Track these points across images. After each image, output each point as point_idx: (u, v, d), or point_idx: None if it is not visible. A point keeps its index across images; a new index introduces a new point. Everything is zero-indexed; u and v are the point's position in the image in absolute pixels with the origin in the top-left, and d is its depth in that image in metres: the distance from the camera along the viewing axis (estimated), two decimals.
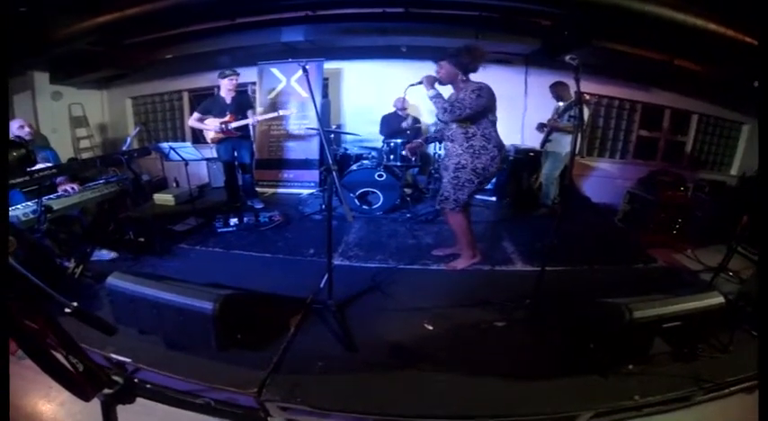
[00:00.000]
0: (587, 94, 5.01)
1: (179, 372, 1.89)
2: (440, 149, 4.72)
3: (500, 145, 2.82)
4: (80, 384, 0.94)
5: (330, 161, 2.06)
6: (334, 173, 2.01)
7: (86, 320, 0.91)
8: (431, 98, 2.74)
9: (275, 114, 4.51)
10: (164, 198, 5.15)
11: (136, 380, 1.82)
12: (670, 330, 1.86)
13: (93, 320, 0.92)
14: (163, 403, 1.85)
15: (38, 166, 2.93)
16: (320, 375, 1.89)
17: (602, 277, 3.07)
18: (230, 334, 1.92)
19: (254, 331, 2.09)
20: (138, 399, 1.83)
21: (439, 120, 2.88)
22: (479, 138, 2.74)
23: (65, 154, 6.10)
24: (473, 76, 2.77)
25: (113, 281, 2.01)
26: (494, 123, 2.79)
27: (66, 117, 6.38)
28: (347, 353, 2.05)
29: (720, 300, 1.93)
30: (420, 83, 2.81)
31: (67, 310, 0.88)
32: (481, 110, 2.67)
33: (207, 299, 1.79)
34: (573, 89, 4.42)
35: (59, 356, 0.91)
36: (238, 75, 4.34)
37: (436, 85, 2.77)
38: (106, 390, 1.04)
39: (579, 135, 2.29)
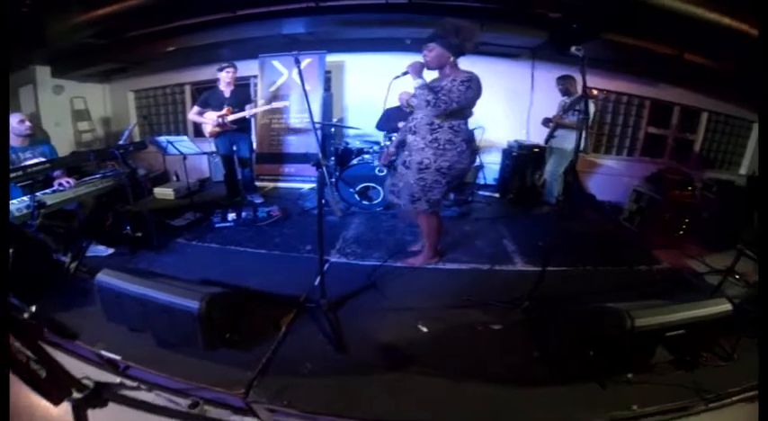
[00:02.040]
0: (595, 89, 4.88)
1: (167, 371, 1.86)
2: None
3: (470, 138, 2.57)
4: (46, 388, 0.90)
5: (320, 155, 1.99)
6: (324, 168, 1.95)
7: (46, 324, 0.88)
8: (416, 88, 2.44)
9: (269, 107, 4.44)
10: (164, 192, 5.13)
11: (120, 380, 1.79)
12: (673, 338, 1.79)
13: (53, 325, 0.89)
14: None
15: (31, 161, 2.92)
16: (309, 377, 1.85)
17: (604, 279, 2.99)
18: (218, 333, 1.89)
19: (243, 330, 2.05)
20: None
21: (403, 107, 2.67)
22: (446, 130, 2.47)
23: (68, 148, 6.12)
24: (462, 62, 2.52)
25: (102, 278, 1.97)
26: (467, 116, 2.55)
27: (69, 111, 6.39)
28: (338, 354, 2.00)
29: (728, 307, 1.84)
30: (406, 73, 2.48)
31: (25, 315, 0.84)
32: (467, 104, 2.45)
33: (193, 298, 1.76)
34: (580, 83, 4.40)
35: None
36: (235, 67, 4.28)
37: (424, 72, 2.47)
38: (76, 394, 1.01)
39: (584, 131, 2.19)
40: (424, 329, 2.22)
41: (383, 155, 2.96)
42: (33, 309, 0.87)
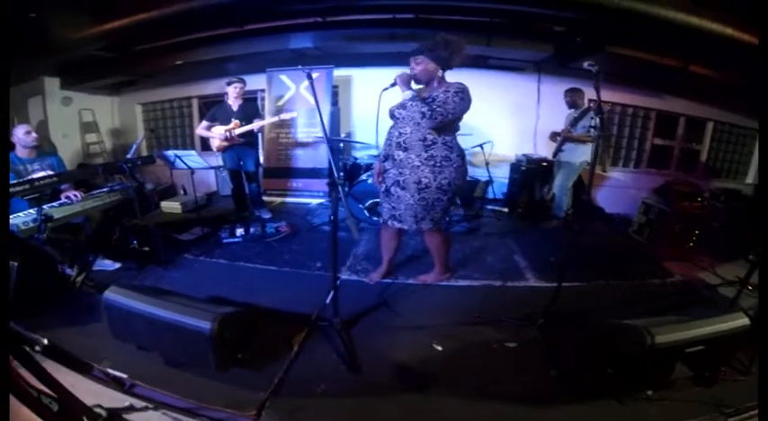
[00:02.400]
0: (601, 102, 4.89)
1: (177, 391, 1.82)
2: None
3: (462, 153, 2.53)
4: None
5: (336, 174, 1.97)
6: (339, 187, 1.93)
7: (57, 358, 0.85)
8: (407, 100, 2.39)
9: (277, 119, 4.44)
10: (171, 206, 5.14)
11: (130, 403, 1.75)
12: (692, 354, 1.75)
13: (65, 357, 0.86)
14: None
15: (38, 175, 2.92)
16: (322, 398, 1.81)
17: (617, 293, 2.95)
18: (230, 353, 1.85)
19: (255, 350, 2.01)
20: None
21: (393, 117, 2.53)
22: (440, 146, 2.41)
23: (75, 159, 6.15)
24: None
25: (110, 295, 1.94)
26: (456, 130, 2.51)
27: (77, 122, 6.44)
28: (351, 374, 1.96)
29: (746, 321, 1.81)
30: (394, 84, 2.45)
31: (37, 348, 0.81)
32: (460, 115, 2.41)
33: (205, 318, 1.71)
34: (587, 96, 4.41)
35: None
36: (244, 82, 4.30)
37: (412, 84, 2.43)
38: None
39: (601, 146, 2.16)
40: (439, 348, 2.18)
41: (375, 174, 2.78)
42: (45, 341, 0.84)
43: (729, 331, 1.78)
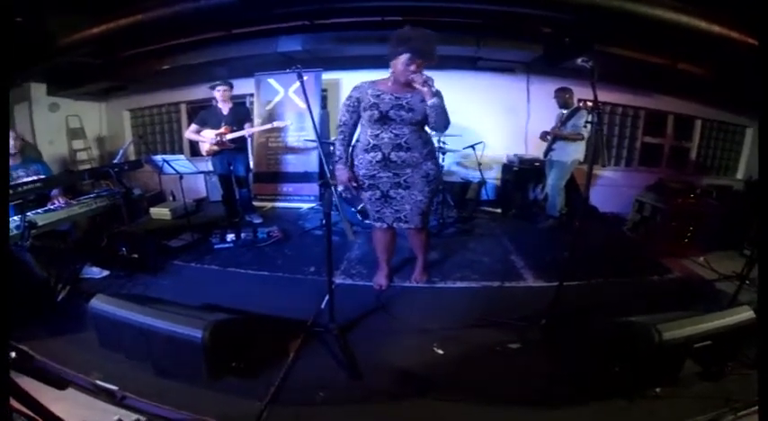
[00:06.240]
0: (589, 101, 4.91)
1: (169, 402, 1.74)
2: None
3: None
4: None
5: (328, 175, 1.93)
6: (332, 187, 1.88)
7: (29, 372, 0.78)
8: (438, 105, 2.31)
9: (269, 126, 4.37)
10: (160, 212, 5.02)
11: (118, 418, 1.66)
12: (700, 350, 1.74)
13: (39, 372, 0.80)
14: None
15: (25, 179, 2.82)
16: (322, 406, 1.74)
17: (617, 291, 2.94)
18: (223, 362, 1.78)
19: (249, 358, 1.94)
20: None
21: (388, 118, 2.40)
22: (431, 141, 2.54)
23: (62, 167, 6.00)
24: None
25: (97, 304, 1.87)
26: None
27: (64, 129, 6.30)
28: (351, 380, 1.90)
29: (751, 314, 1.81)
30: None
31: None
32: None
33: (196, 326, 1.64)
34: (577, 96, 4.42)
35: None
36: (230, 85, 4.24)
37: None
38: None
39: (600, 141, 2.14)
40: (440, 351, 2.12)
41: (345, 180, 2.53)
42: (14, 354, 0.77)
43: (736, 325, 1.78)
